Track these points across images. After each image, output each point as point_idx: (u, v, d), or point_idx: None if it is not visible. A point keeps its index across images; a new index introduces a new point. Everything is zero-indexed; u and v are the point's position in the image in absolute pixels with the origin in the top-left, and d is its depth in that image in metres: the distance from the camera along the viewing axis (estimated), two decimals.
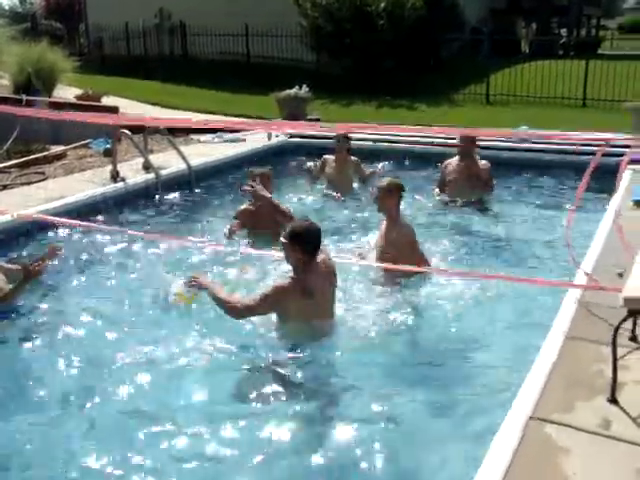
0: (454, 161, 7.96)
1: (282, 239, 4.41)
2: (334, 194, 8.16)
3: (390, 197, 5.56)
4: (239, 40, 20.94)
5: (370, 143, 9.75)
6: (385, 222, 5.66)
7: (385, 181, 5.72)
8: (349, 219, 7.43)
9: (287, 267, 4.59)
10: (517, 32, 29.66)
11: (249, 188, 6.01)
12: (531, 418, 3.19)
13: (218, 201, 8.21)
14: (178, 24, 23.12)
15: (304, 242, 4.33)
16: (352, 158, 8.55)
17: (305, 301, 4.30)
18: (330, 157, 8.50)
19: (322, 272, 4.46)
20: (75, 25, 28.44)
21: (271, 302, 4.31)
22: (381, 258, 5.44)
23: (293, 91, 12.83)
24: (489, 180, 7.86)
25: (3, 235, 6.36)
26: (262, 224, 6.27)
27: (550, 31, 31.57)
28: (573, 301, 4.43)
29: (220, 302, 4.41)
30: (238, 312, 4.39)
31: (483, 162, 7.89)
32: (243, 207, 6.66)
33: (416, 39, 18.02)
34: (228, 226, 6.58)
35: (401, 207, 5.73)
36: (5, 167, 8.91)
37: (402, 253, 5.29)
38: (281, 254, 4.56)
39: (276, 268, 5.37)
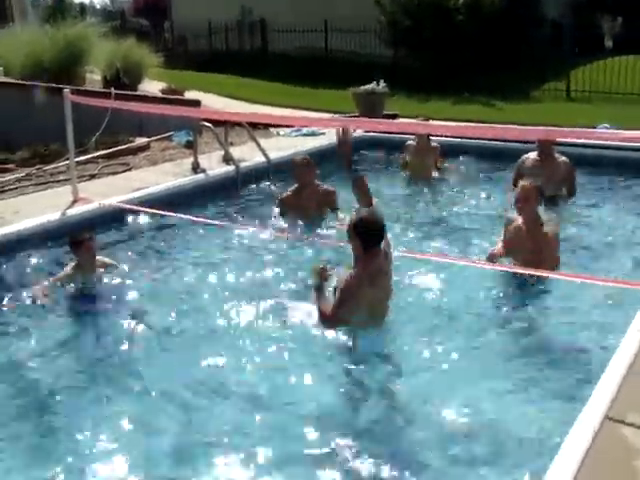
0: (532, 156, 7.74)
1: (346, 228, 4.47)
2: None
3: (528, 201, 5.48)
4: (318, 36, 21.10)
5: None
6: (524, 224, 5.55)
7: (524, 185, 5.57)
8: (426, 211, 7.51)
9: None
10: (600, 26, 28.67)
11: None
12: (607, 418, 3.17)
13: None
14: (258, 20, 23.51)
15: (362, 233, 4.33)
16: (432, 144, 8.61)
17: (371, 290, 4.30)
18: (412, 143, 8.60)
19: (382, 263, 4.45)
20: (161, 22, 29.31)
21: (349, 299, 4.28)
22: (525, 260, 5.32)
23: (370, 86, 12.84)
24: (568, 177, 7.64)
25: (90, 222, 6.61)
26: (306, 208, 6.56)
27: (637, 24, 30.42)
28: None
29: (319, 310, 4.45)
30: (330, 323, 4.40)
31: (563, 159, 7.67)
32: (286, 193, 6.91)
33: (495, 34, 17.73)
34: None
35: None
36: (93, 158, 9.32)
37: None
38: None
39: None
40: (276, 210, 6.99)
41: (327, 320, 4.40)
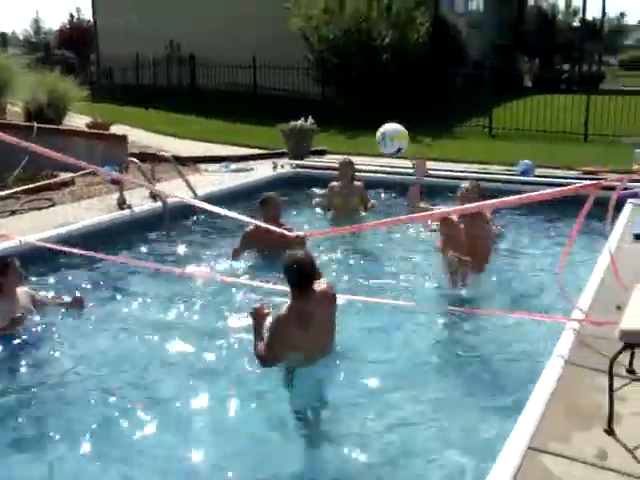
0: None
1: None
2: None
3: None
4: (247, 72, 21.25)
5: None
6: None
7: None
8: (357, 249, 7.55)
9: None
10: (520, 67, 30.01)
11: None
12: (529, 448, 3.25)
13: (225, 230, 8.29)
14: (187, 55, 23.52)
15: (288, 274, 4.36)
16: (357, 183, 8.65)
17: (299, 331, 4.28)
18: (336, 184, 8.62)
19: (319, 303, 4.43)
20: (87, 55, 28.97)
21: (275, 340, 4.28)
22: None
23: (299, 123, 13.01)
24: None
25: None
26: (271, 245, 6.43)
27: (553, 66, 31.98)
28: (571, 334, 4.50)
29: (254, 348, 4.43)
30: (262, 362, 4.38)
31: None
32: (250, 228, 6.75)
33: (420, 73, 18.30)
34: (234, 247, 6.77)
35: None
36: (14, 193, 9.04)
37: None
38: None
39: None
40: (239, 244, 6.90)
41: (260, 358, 4.39)
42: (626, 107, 15.54)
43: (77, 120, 14.52)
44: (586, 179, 7.59)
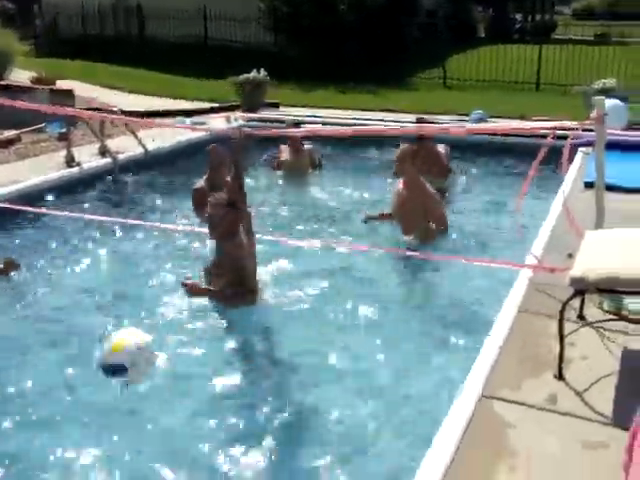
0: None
1: None
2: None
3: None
4: (197, 22, 20.67)
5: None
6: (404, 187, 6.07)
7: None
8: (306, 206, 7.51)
9: None
10: (474, 16, 29.84)
11: None
12: (483, 396, 3.30)
13: (174, 184, 8.15)
14: (135, 5, 22.69)
15: None
16: (305, 146, 8.67)
17: None
18: (285, 146, 8.61)
19: None
20: (29, 5, 27.67)
21: None
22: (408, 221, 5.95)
23: (251, 75, 12.74)
24: (447, 166, 7.92)
25: None
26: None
27: (506, 15, 31.91)
28: (524, 281, 4.56)
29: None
30: None
31: (441, 146, 7.92)
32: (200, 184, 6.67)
33: (378, 23, 18.01)
34: None
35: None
36: None
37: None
38: None
39: None
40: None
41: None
42: (577, 57, 15.65)
43: (21, 76, 13.97)
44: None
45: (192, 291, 4.67)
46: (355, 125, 9.68)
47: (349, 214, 7.10)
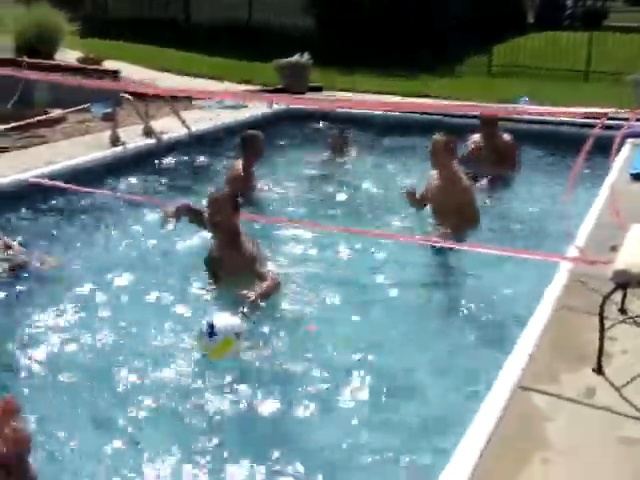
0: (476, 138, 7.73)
1: None
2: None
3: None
4: (241, 6, 20.74)
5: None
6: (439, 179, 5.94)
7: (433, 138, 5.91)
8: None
9: None
10: (522, 3, 29.27)
11: None
12: (519, 387, 3.27)
13: (218, 166, 8.21)
14: None
15: None
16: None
17: None
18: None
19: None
20: None
21: None
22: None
23: (294, 59, 12.72)
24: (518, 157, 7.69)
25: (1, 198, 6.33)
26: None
27: (556, 2, 31.20)
28: (566, 274, 4.49)
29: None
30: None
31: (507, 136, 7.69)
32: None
33: (415, 13, 17.81)
34: None
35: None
36: (4, 130, 8.89)
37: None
38: None
39: None
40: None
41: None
42: (628, 44, 15.26)
43: (67, 55, 14.18)
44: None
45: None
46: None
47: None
